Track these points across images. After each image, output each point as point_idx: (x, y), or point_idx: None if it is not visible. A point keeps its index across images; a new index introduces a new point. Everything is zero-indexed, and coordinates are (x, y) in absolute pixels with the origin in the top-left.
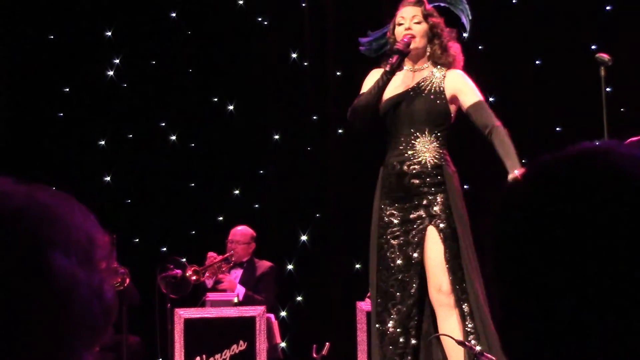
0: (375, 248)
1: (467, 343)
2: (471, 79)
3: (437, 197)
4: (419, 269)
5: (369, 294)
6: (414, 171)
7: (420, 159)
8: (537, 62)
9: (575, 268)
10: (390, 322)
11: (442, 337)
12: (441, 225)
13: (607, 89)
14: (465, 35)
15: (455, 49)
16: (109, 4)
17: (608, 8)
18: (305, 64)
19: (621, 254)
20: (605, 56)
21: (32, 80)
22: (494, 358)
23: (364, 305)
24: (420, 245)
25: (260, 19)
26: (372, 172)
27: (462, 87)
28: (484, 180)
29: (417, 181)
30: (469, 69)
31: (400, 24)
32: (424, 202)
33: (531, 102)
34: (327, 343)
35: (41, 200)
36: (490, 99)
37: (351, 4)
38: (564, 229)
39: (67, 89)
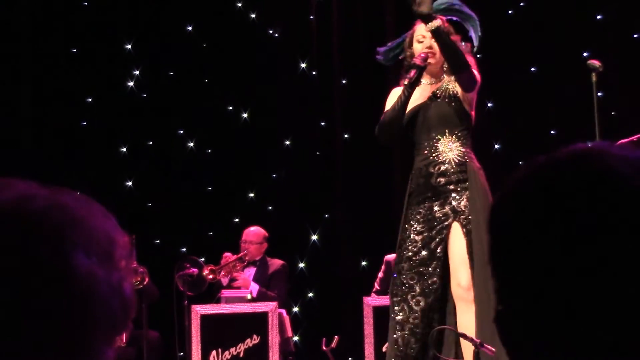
0: (398, 242)
1: (467, 335)
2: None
3: (463, 194)
4: (441, 264)
5: (374, 289)
6: (440, 170)
7: (444, 159)
8: (532, 69)
9: (568, 266)
10: (412, 314)
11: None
12: (465, 221)
13: (599, 94)
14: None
15: (470, 61)
16: (129, 18)
17: (599, 17)
18: (314, 73)
19: (613, 252)
20: (596, 63)
21: (56, 91)
22: (493, 349)
23: (371, 301)
24: (444, 240)
25: (271, 32)
26: (377, 175)
27: None
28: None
29: (443, 179)
30: None
31: (420, 42)
32: (450, 199)
33: (527, 107)
34: (336, 336)
35: (63, 203)
36: (489, 105)
37: (355, 18)
38: (558, 228)
39: (90, 99)
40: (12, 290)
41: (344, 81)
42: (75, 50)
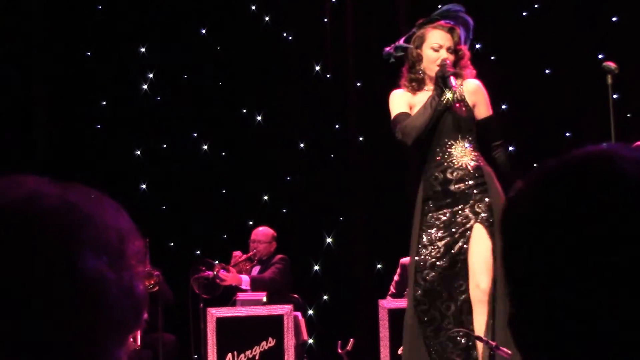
0: (415, 248)
1: (483, 338)
2: (485, 89)
3: (483, 196)
4: (465, 267)
5: (390, 292)
6: (457, 176)
7: (460, 164)
8: (546, 71)
9: (579, 268)
10: (445, 319)
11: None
12: (487, 223)
13: (614, 96)
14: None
15: (469, 68)
16: (143, 21)
17: (614, 19)
18: (328, 76)
19: (624, 254)
20: (611, 65)
21: (72, 95)
22: (509, 352)
23: (386, 303)
24: (466, 242)
25: (285, 34)
26: (392, 177)
27: (479, 99)
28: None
29: (462, 185)
30: (483, 79)
31: (436, 50)
32: (470, 202)
33: (542, 109)
34: (351, 339)
35: (73, 201)
36: (503, 107)
37: (369, 20)
38: (569, 231)
39: (104, 103)
40: (20, 291)
41: (358, 84)
42: (89, 53)
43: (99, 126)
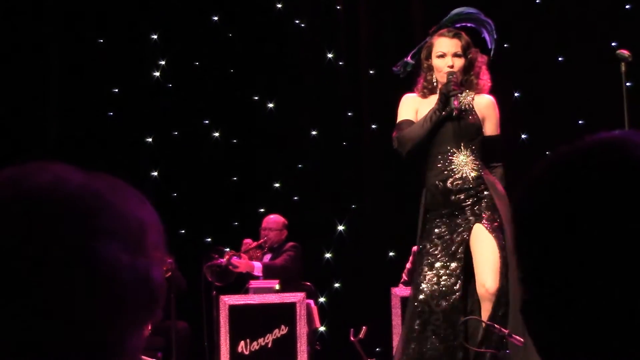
0: (419, 250)
1: (496, 325)
2: (498, 108)
3: (482, 202)
4: (462, 265)
5: (402, 280)
6: (458, 186)
7: (460, 174)
8: (560, 58)
9: (590, 254)
10: (433, 315)
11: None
12: (487, 221)
13: (628, 84)
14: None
15: (486, 76)
16: (155, 8)
17: (627, 7)
18: (340, 63)
19: (635, 241)
20: (625, 52)
21: (83, 81)
22: (521, 339)
23: (398, 291)
24: (464, 242)
25: (297, 22)
26: (404, 165)
27: (489, 116)
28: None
29: (462, 196)
30: (495, 67)
31: (440, 57)
32: (471, 210)
33: (555, 97)
34: (364, 327)
35: (96, 188)
36: (516, 94)
37: (382, 8)
38: (581, 217)
39: (116, 90)
40: (38, 270)
41: (371, 72)
42: (101, 40)
43: (111, 113)
